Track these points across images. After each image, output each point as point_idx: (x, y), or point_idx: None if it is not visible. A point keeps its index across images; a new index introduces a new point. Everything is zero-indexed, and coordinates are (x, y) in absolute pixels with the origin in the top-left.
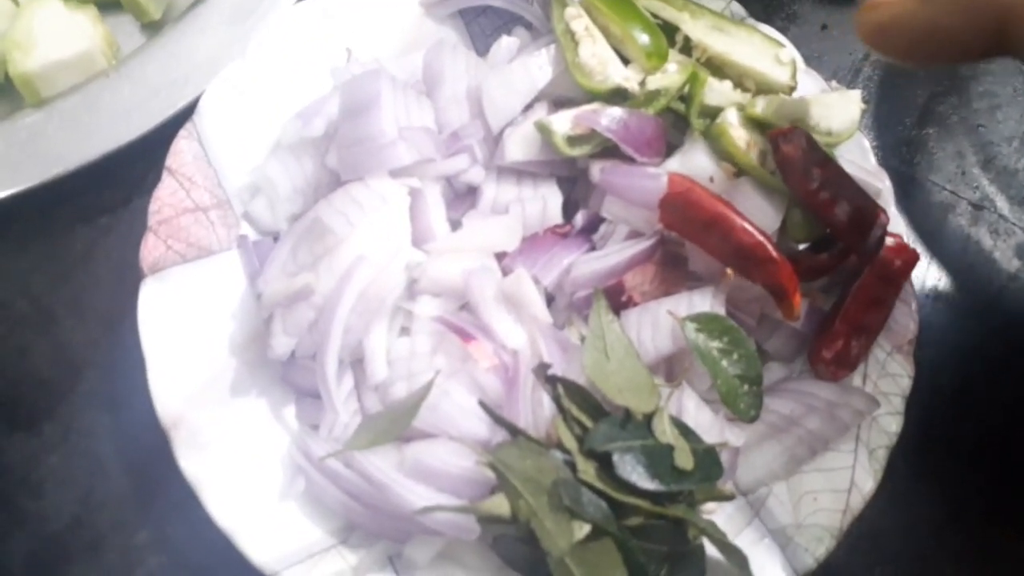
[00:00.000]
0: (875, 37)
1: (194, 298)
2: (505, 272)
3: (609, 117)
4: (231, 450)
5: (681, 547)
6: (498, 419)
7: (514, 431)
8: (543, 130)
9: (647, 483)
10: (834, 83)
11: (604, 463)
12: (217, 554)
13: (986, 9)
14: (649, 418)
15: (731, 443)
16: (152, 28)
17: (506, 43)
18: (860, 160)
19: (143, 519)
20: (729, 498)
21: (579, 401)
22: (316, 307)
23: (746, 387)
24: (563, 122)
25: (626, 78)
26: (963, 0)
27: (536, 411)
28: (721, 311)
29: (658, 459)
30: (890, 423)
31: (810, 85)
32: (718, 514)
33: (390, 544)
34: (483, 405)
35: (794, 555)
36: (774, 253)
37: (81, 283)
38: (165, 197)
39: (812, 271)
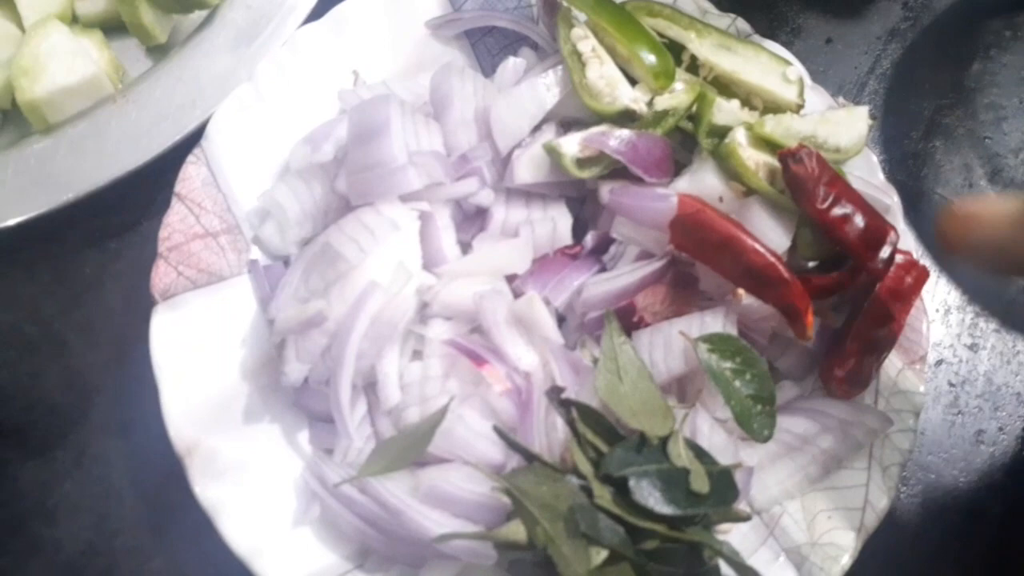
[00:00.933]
0: (965, 250)
1: (205, 324)
2: (516, 294)
3: (617, 139)
4: (246, 476)
5: (697, 569)
6: (513, 444)
7: (529, 456)
8: (552, 152)
9: (664, 508)
10: (841, 99)
11: (620, 488)
12: None
13: None
14: (664, 441)
15: (745, 463)
16: (158, 52)
17: (512, 64)
18: (868, 176)
19: (157, 545)
20: (744, 519)
21: (593, 425)
22: (329, 333)
23: (759, 407)
24: (572, 144)
25: (634, 99)
26: None
27: (550, 435)
28: (733, 331)
29: (674, 483)
30: (903, 440)
31: (817, 102)
32: (733, 534)
33: (406, 569)
34: (498, 430)
35: (809, 574)
36: (786, 274)
37: (91, 308)
38: (175, 223)
39: (823, 290)
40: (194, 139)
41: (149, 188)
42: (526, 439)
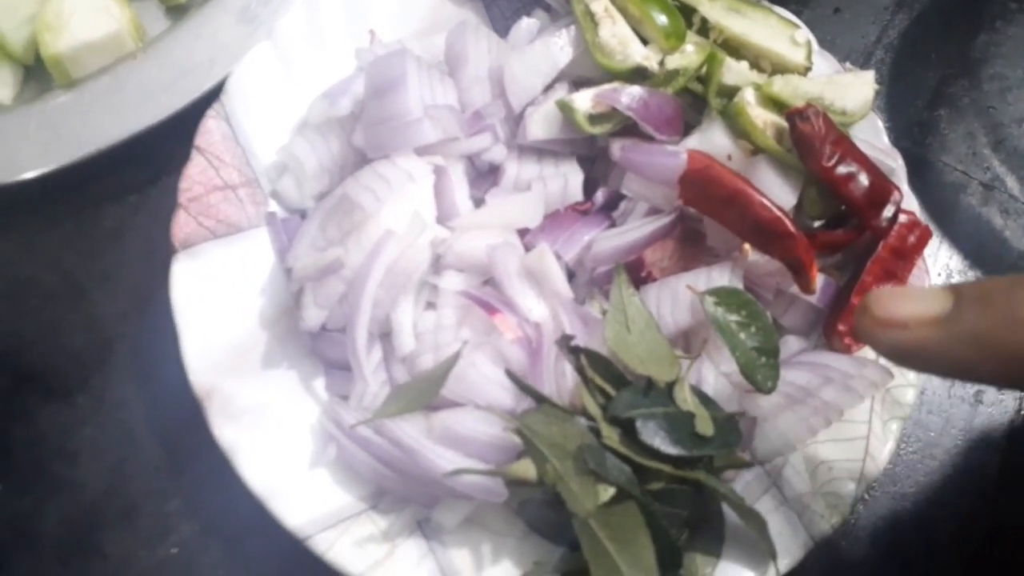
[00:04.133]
0: (890, 354)
1: (224, 273)
2: (527, 248)
3: (629, 96)
4: (263, 419)
5: (701, 512)
6: (524, 387)
7: (540, 399)
8: (565, 108)
9: (669, 448)
10: (848, 65)
11: (627, 430)
12: (247, 521)
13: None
14: (670, 387)
15: (748, 413)
16: (176, 12)
17: (526, 24)
18: (873, 139)
19: (175, 488)
20: (747, 465)
21: (602, 370)
22: (346, 280)
23: (763, 359)
24: (584, 100)
25: (646, 57)
26: (991, 345)
27: (559, 381)
28: (739, 286)
29: (679, 425)
30: (903, 394)
31: (824, 67)
32: (736, 483)
33: (419, 509)
34: (510, 374)
35: (811, 522)
36: (791, 228)
37: (111, 259)
38: (195, 175)
39: (828, 246)
40: (212, 97)
41: (167, 144)
42: (536, 385)
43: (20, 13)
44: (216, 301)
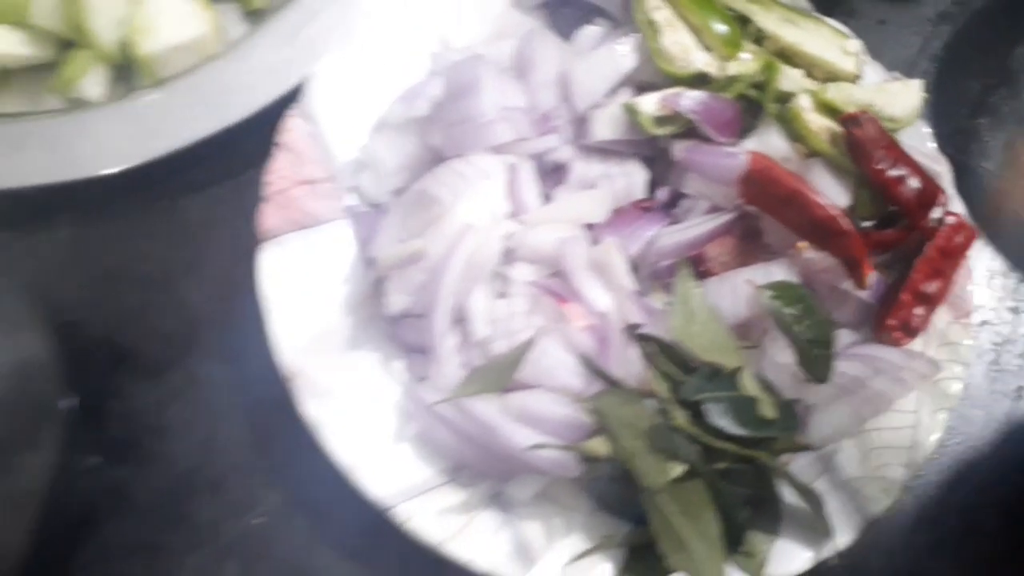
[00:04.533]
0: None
1: (306, 262)
2: (593, 242)
3: (692, 99)
4: (347, 397)
5: (760, 492)
6: (597, 371)
7: (611, 382)
8: (631, 111)
9: (735, 429)
10: (896, 74)
11: (695, 412)
12: (328, 494)
13: None
14: (734, 374)
15: (804, 402)
16: (254, 16)
17: (590, 32)
18: (920, 146)
19: (259, 462)
20: (806, 448)
21: (668, 357)
22: (427, 269)
23: (818, 351)
24: (649, 104)
25: (707, 64)
26: None
27: (627, 367)
28: (796, 281)
29: (744, 409)
30: (950, 386)
31: (872, 75)
32: (791, 467)
33: (494, 483)
34: (584, 358)
35: (863, 504)
36: (847, 226)
37: (195, 249)
38: (279, 170)
39: (879, 245)
40: (291, 97)
41: (246, 140)
42: (606, 370)
43: (111, 15)
44: (300, 288)
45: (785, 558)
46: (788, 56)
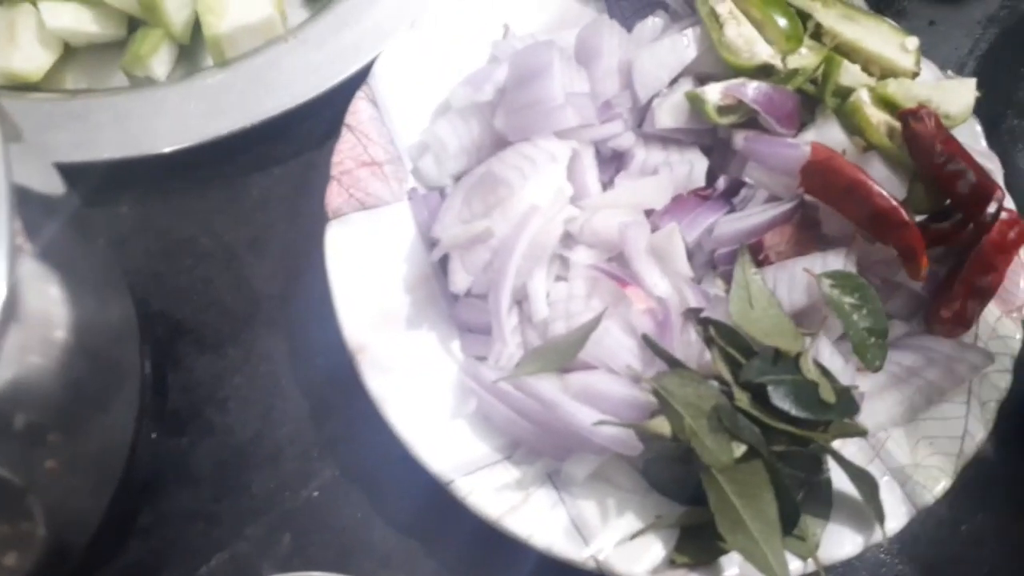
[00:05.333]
0: None
1: (370, 241)
2: (652, 229)
3: (755, 90)
4: (408, 374)
5: (815, 476)
6: (659, 351)
7: (674, 362)
8: (695, 100)
9: (798, 412)
10: (950, 72)
11: (756, 394)
12: (384, 468)
13: None
14: (795, 358)
15: (859, 388)
16: (314, 2)
17: (651, 23)
18: (972, 143)
19: (317, 436)
20: (861, 433)
21: (729, 340)
22: (492, 249)
23: (873, 339)
24: (713, 93)
25: (771, 56)
26: None
27: (687, 350)
28: (852, 271)
29: (805, 392)
30: (1000, 379)
31: (927, 73)
32: (843, 452)
33: (550, 461)
34: (647, 339)
35: (913, 491)
36: (906, 217)
37: (257, 225)
38: (346, 151)
39: (935, 237)
40: (355, 80)
41: (308, 121)
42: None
43: None
44: (363, 266)
45: (835, 542)
46: (845, 51)
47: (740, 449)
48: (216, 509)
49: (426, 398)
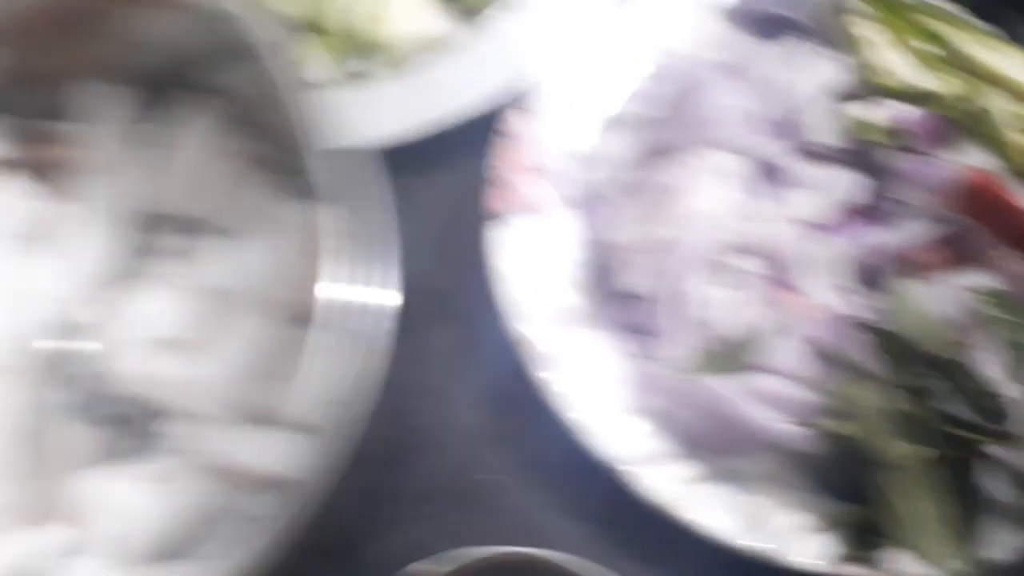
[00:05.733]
0: None
1: (531, 243)
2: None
3: (910, 111)
4: (578, 370)
5: (981, 480)
6: (834, 357)
7: (852, 368)
8: (852, 119)
9: (972, 419)
10: None
11: (931, 400)
12: (555, 458)
13: None
14: (962, 367)
15: None
16: (468, 13)
17: (795, 44)
18: None
19: (487, 425)
20: None
21: (898, 348)
22: (662, 254)
23: None
24: (870, 113)
25: (917, 79)
26: None
27: (857, 356)
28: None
29: (976, 401)
30: None
31: None
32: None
33: (722, 458)
34: (820, 343)
35: None
36: None
37: (416, 225)
38: (503, 157)
39: None
40: (514, 93)
41: (468, 131)
42: None
43: (340, 2)
44: (523, 266)
45: (996, 546)
46: (983, 76)
47: (917, 452)
48: (385, 487)
49: (598, 393)
